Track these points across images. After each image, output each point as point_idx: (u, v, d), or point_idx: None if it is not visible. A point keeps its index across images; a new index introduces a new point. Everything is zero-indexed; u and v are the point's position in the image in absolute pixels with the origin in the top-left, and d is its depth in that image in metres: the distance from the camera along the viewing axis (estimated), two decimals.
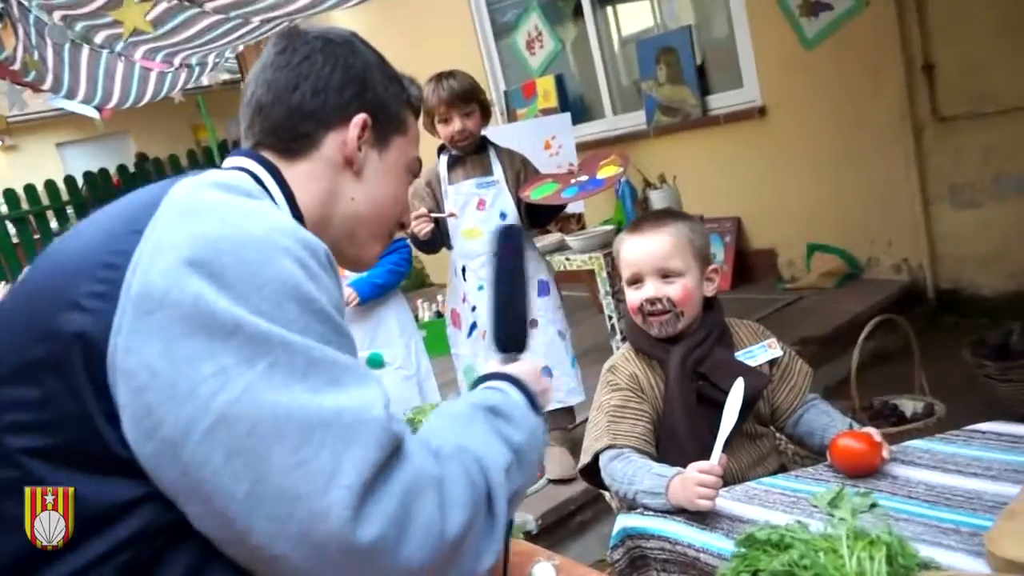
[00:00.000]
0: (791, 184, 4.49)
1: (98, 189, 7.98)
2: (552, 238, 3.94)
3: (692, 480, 1.42)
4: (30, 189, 7.73)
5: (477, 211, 2.87)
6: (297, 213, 1.00)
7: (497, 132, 4.19)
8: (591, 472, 1.68)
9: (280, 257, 0.77)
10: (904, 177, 4.04)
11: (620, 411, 1.66)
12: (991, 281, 3.94)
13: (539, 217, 2.98)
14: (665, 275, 1.68)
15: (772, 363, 1.75)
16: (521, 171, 2.94)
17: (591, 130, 5.39)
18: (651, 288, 1.68)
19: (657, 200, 4.01)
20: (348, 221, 1.07)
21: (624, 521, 1.50)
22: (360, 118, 1.04)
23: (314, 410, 0.70)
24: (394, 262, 3.00)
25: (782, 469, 1.80)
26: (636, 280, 1.72)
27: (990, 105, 3.67)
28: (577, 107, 5.41)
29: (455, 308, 3.02)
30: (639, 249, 1.71)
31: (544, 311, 2.90)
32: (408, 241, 2.99)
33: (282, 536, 0.68)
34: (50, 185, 8.01)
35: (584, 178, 3.00)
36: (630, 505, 1.54)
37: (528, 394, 1.03)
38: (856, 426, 1.54)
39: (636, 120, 5.18)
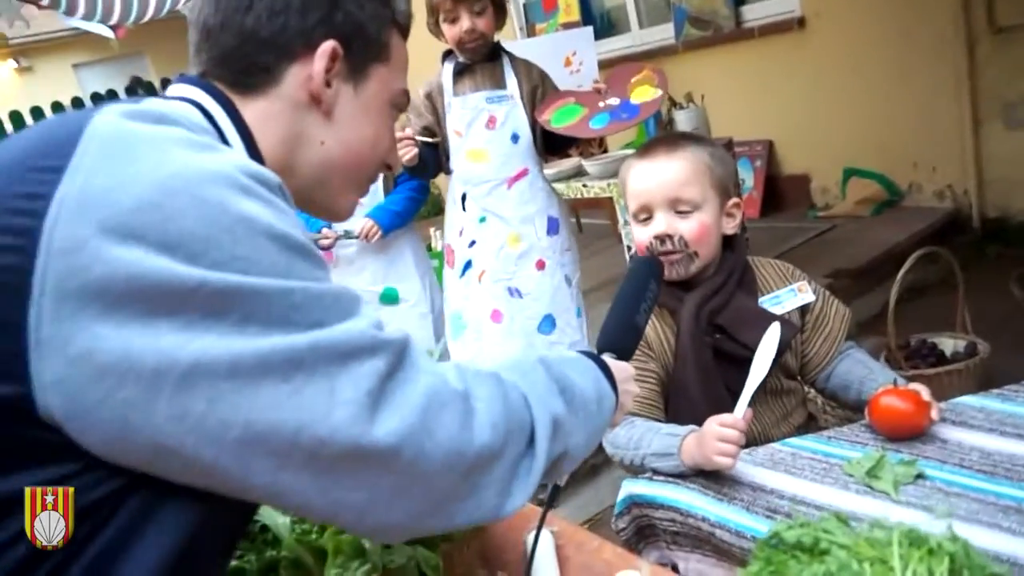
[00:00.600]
0: (829, 104, 4.18)
1: None
2: (569, 163, 3.71)
3: (711, 435, 1.24)
4: (37, 112, 7.56)
5: (486, 129, 2.54)
6: (257, 157, 0.84)
7: (513, 48, 3.91)
8: None
9: (239, 196, 0.65)
10: (954, 95, 3.71)
11: None
12: None
13: (557, 143, 2.64)
14: (678, 208, 1.45)
15: (803, 310, 1.53)
16: (539, 87, 2.59)
17: (615, 45, 5.06)
18: (662, 223, 1.45)
19: (683, 121, 3.74)
20: (318, 168, 0.90)
21: (630, 487, 1.33)
22: (328, 47, 0.85)
23: (298, 345, 0.64)
24: (412, 188, 2.75)
25: (810, 420, 1.61)
26: (645, 213, 1.49)
27: None
28: (601, 21, 5.07)
29: (450, 243, 2.70)
30: (649, 177, 1.47)
31: (552, 252, 2.61)
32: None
33: (287, 468, 0.64)
34: (56, 107, 7.83)
35: (614, 101, 2.59)
36: (637, 472, 1.37)
37: (609, 375, 0.94)
38: (901, 381, 1.34)
39: (664, 34, 4.84)
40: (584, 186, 3.43)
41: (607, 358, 1.01)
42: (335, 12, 0.85)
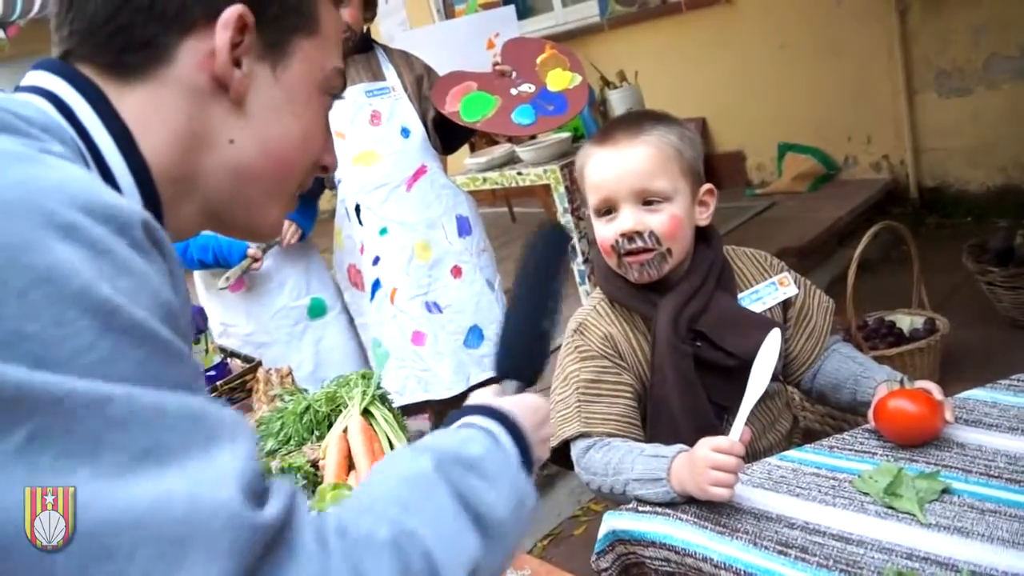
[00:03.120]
0: (760, 78, 4.09)
1: None
2: (500, 150, 3.51)
3: (704, 462, 1.07)
4: None
5: (371, 127, 2.27)
6: (138, 165, 0.61)
7: (431, 33, 3.69)
8: (560, 451, 1.31)
9: (51, 239, 0.44)
10: (886, 64, 3.66)
11: (592, 387, 1.28)
12: (979, 176, 3.65)
13: (456, 136, 2.39)
14: (646, 200, 1.27)
15: (785, 304, 1.38)
16: (424, 76, 2.36)
17: (538, 25, 4.88)
18: (628, 218, 1.27)
19: (617, 101, 3.59)
20: (228, 176, 0.66)
21: (612, 522, 1.14)
22: (233, 13, 0.63)
23: (112, 507, 0.42)
24: (305, 201, 2.44)
25: (795, 424, 1.47)
26: (608, 208, 1.30)
27: None
28: (523, 0, 4.88)
29: (351, 263, 2.40)
30: (610, 166, 1.28)
31: (468, 255, 2.37)
32: None
33: None
34: None
35: (529, 88, 2.38)
36: (619, 501, 1.19)
37: (522, 443, 0.71)
38: (908, 381, 1.19)
39: (588, 12, 4.69)
40: (519, 174, 3.24)
41: (509, 391, 0.80)
42: None
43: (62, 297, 0.43)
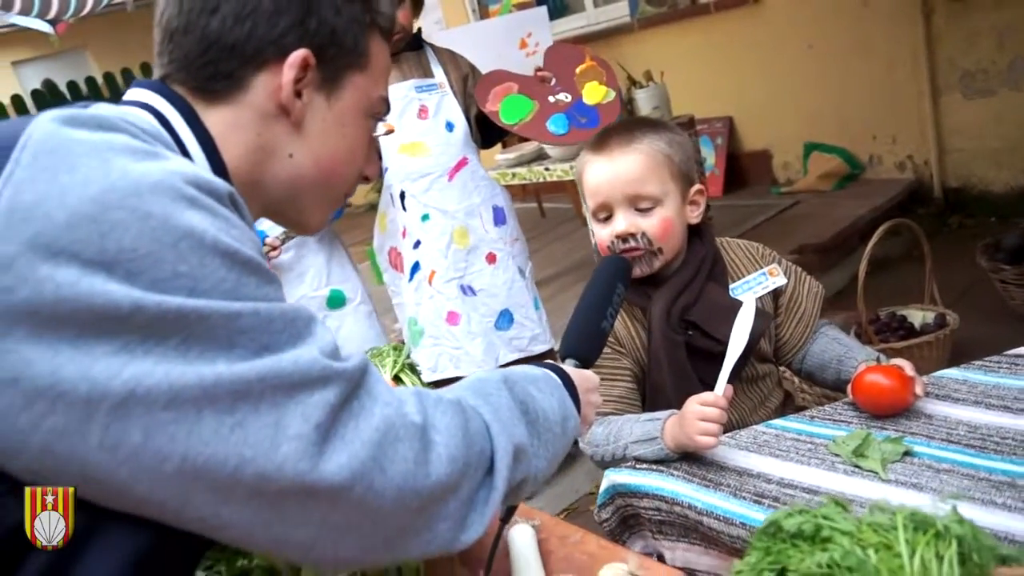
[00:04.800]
0: (787, 78, 4.18)
1: (48, 108, 7.48)
2: (529, 147, 3.66)
3: (692, 414, 1.21)
4: None
5: (418, 120, 2.45)
6: (220, 168, 0.78)
7: (466, 32, 3.83)
8: None
9: (184, 208, 0.61)
10: (911, 65, 3.74)
11: (595, 372, 1.42)
12: (1003, 176, 3.70)
13: (493, 131, 2.56)
14: (638, 205, 1.40)
15: (775, 292, 1.50)
16: (469, 75, 2.53)
17: (570, 25, 5.02)
18: (622, 222, 1.39)
19: (643, 101, 3.71)
20: (287, 184, 0.84)
21: (613, 477, 1.29)
22: (299, 56, 0.79)
23: (244, 374, 0.60)
24: None
25: (787, 400, 1.59)
26: (604, 212, 1.41)
27: None
28: (555, 1, 5.01)
29: (394, 246, 2.59)
30: (605, 173, 1.40)
31: (502, 243, 2.54)
32: None
33: (228, 503, 0.61)
34: None
35: (565, 98, 2.54)
36: (619, 464, 1.33)
37: (573, 391, 0.92)
38: (883, 358, 1.32)
39: (619, 12, 4.81)
40: (546, 170, 3.39)
41: (570, 366, 0.98)
42: (309, 18, 0.79)
43: (202, 246, 0.60)
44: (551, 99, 2.53)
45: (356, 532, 0.66)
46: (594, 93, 2.56)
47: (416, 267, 2.52)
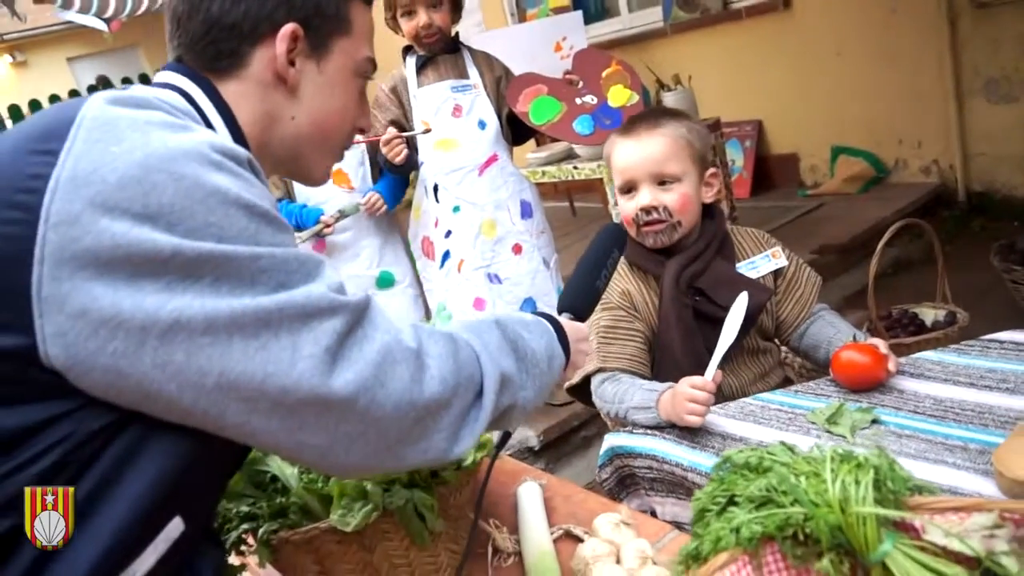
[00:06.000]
0: (816, 83, 4.27)
1: None
2: (560, 146, 3.79)
3: (682, 395, 1.35)
4: (35, 104, 7.65)
5: (452, 118, 2.62)
6: (238, 136, 0.92)
7: (504, 35, 3.98)
8: (583, 391, 1.61)
9: (211, 171, 0.74)
10: (937, 71, 3.81)
11: (610, 332, 1.57)
12: None
13: (523, 131, 2.73)
14: (661, 181, 1.57)
15: (777, 274, 1.64)
16: (503, 77, 2.69)
17: (604, 29, 5.15)
18: (646, 195, 1.56)
19: (671, 103, 3.82)
20: (291, 143, 0.97)
21: (612, 440, 1.44)
22: (287, 30, 0.91)
23: (266, 305, 0.72)
24: (395, 178, 2.80)
25: (786, 383, 1.72)
26: (630, 187, 1.60)
27: None
28: (591, 5, 5.15)
29: (426, 235, 2.76)
30: (632, 153, 1.59)
31: (528, 235, 2.70)
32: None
33: (256, 412, 0.72)
34: (54, 100, 7.92)
35: (592, 100, 2.71)
36: (621, 424, 1.48)
37: (563, 336, 1.02)
38: (861, 337, 1.44)
39: (652, 17, 4.93)
40: (575, 168, 3.52)
41: (565, 319, 1.10)
42: None
43: (227, 201, 0.72)
44: (578, 101, 2.69)
45: (362, 439, 0.77)
46: (619, 96, 2.71)
47: (447, 255, 2.69)
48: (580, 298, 1.16)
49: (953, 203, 3.98)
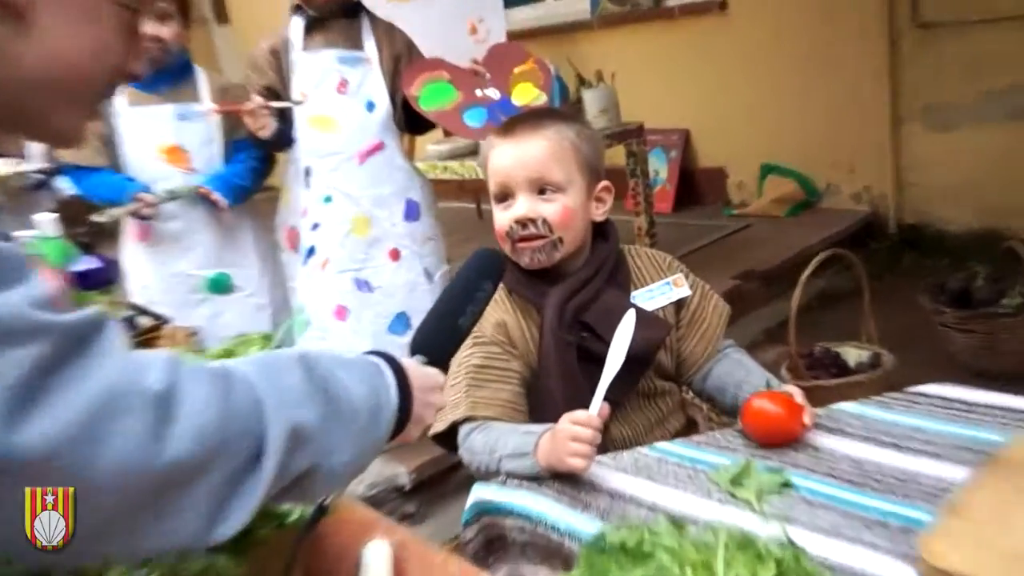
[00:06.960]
0: (748, 95, 4.30)
1: None
2: (465, 140, 3.68)
3: (564, 434, 1.24)
4: None
5: (336, 93, 2.44)
6: None
7: (411, 8, 3.85)
8: (449, 438, 1.47)
9: None
10: (874, 91, 3.88)
11: (481, 372, 1.45)
12: (961, 216, 3.85)
13: (421, 120, 2.56)
14: (541, 190, 1.44)
15: (679, 304, 1.55)
16: (403, 56, 2.52)
17: (525, 15, 5.08)
18: (523, 205, 1.44)
19: (591, 101, 3.77)
20: (23, 92, 0.75)
21: (480, 492, 1.31)
22: None
23: None
24: (256, 156, 2.57)
25: (690, 427, 1.64)
26: (505, 195, 1.47)
27: (977, 12, 3.50)
28: None
29: (292, 225, 2.57)
30: (509, 156, 1.46)
31: (410, 241, 2.52)
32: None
33: None
34: None
35: (493, 94, 2.57)
36: (494, 477, 1.35)
37: (403, 382, 0.90)
38: (775, 383, 1.37)
39: (579, 6, 4.89)
40: (479, 166, 3.41)
41: (414, 362, 0.97)
42: None
43: None
44: (478, 92, 2.56)
45: (65, 520, 0.61)
46: (524, 93, 2.60)
47: (311, 251, 2.52)
48: (437, 338, 1.05)
49: (884, 235, 4.06)
